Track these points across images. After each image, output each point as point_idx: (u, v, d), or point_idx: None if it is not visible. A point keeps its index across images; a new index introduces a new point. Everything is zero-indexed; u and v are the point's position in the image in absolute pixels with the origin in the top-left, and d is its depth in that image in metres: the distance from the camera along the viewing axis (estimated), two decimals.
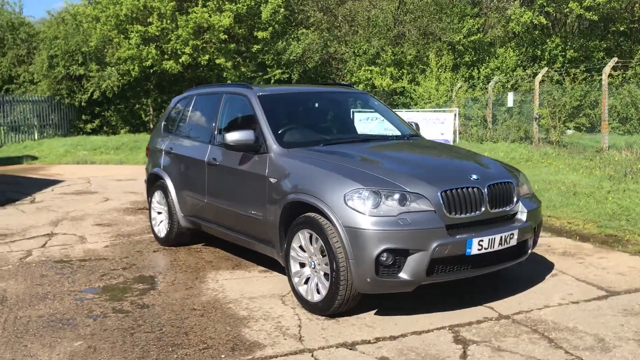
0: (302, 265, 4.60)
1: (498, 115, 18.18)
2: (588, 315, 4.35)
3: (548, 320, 4.25)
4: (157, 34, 22.17)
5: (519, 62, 24.69)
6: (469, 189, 4.31)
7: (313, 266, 4.48)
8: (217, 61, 22.49)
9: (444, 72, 22.31)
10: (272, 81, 23.66)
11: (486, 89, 19.00)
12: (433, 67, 22.14)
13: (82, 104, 22.95)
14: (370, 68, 24.27)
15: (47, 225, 8.04)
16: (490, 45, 25.64)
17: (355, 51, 25.24)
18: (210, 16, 21.93)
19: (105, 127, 24.18)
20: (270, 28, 22.97)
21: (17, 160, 17.71)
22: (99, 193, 11.06)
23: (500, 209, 4.46)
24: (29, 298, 4.98)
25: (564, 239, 6.69)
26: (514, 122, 17.13)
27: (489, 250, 4.28)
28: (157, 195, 6.76)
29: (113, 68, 22.84)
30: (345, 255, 4.13)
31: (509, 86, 21.13)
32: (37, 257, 6.34)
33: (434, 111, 18.81)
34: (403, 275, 4.10)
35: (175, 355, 3.79)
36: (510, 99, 17.33)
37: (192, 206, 6.13)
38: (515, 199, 4.58)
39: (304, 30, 24.45)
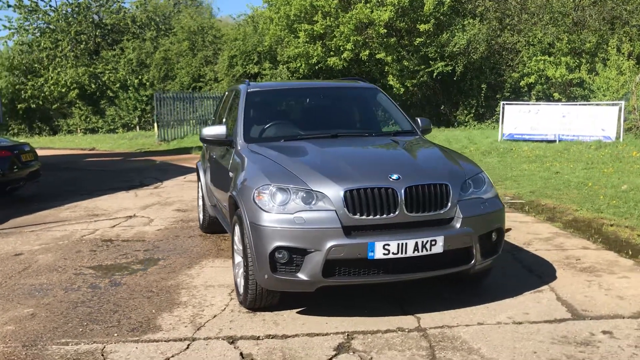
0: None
1: None
2: (512, 338, 3.83)
3: (460, 338, 3.84)
4: (321, 31, 23.07)
5: None
6: (381, 190, 4.04)
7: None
8: (378, 56, 22.72)
9: (628, 60, 19.88)
10: (435, 74, 23.21)
11: None
12: (612, 55, 19.86)
13: None
14: (543, 58, 22.53)
15: (137, 208, 9.06)
16: None
17: (529, 40, 23.62)
18: (372, 11, 22.22)
19: None
20: (432, 20, 22.53)
21: (187, 150, 19.82)
22: None
23: (422, 213, 4.10)
24: (44, 268, 5.78)
25: (611, 252, 5.79)
26: None
27: (400, 255, 3.98)
28: (199, 185, 7.28)
29: (284, 66, 24.31)
30: (251, 251, 4.17)
31: None
32: (95, 235, 7.24)
33: (598, 105, 16.93)
34: (301, 274, 4.02)
35: (81, 329, 4.19)
36: None
37: (210, 196, 6.52)
38: (448, 203, 4.17)
39: (470, 20, 23.52)
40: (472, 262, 4.24)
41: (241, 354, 3.73)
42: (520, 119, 17.05)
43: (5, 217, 8.63)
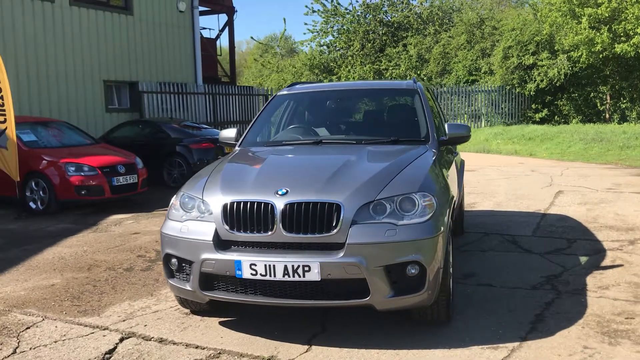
0: None
1: None
2: None
3: None
4: (607, 14, 20.28)
5: None
6: (261, 205, 3.68)
7: None
8: None
9: None
10: None
11: None
12: None
13: (531, 92, 23.03)
14: None
15: None
16: None
17: None
18: None
19: (556, 117, 23.56)
20: None
21: None
22: None
23: (302, 234, 3.59)
24: (128, 248, 6.69)
25: None
26: None
27: (269, 278, 3.60)
28: None
29: (564, 55, 22.06)
30: None
31: None
32: None
33: None
34: (188, 284, 3.96)
35: (54, 304, 4.81)
36: None
37: None
38: (337, 225, 3.55)
39: None
40: (368, 297, 3.58)
41: (111, 350, 3.88)
42: None
43: None
